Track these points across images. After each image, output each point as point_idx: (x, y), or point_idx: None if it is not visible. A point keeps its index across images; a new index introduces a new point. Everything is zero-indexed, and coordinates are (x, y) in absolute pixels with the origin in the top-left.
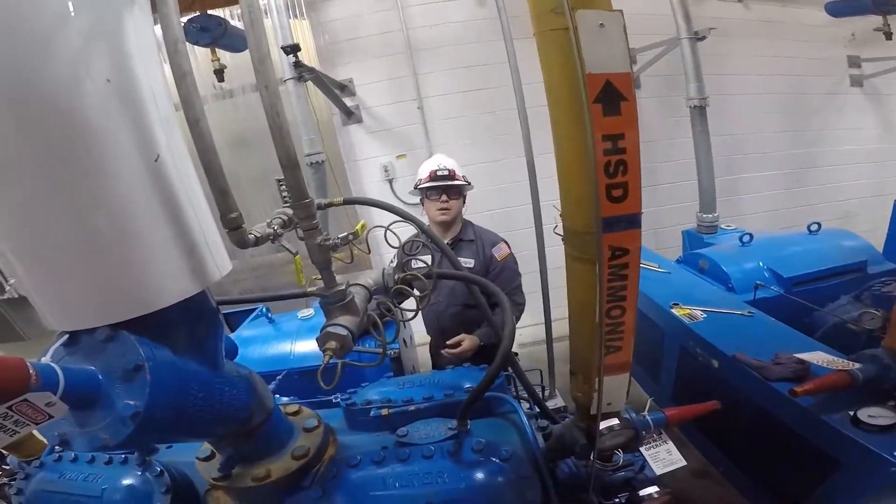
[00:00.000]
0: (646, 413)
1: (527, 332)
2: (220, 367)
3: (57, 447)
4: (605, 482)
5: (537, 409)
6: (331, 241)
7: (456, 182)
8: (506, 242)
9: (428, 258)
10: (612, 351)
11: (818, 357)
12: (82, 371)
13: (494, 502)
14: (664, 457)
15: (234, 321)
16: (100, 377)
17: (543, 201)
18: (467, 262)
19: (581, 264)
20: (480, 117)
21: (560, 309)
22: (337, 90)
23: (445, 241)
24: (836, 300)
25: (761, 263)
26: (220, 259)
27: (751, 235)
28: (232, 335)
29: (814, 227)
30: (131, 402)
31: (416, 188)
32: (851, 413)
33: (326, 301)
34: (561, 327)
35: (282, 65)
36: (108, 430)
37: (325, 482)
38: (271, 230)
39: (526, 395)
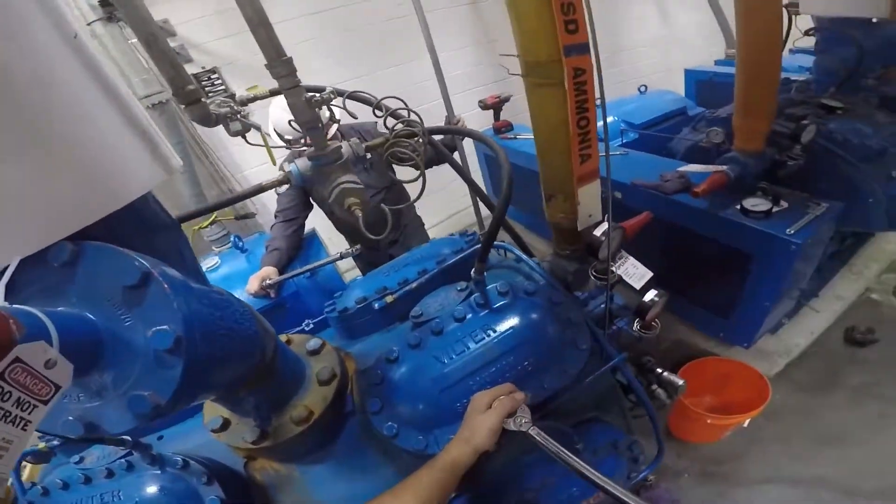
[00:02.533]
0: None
1: (436, 230)
2: (209, 284)
3: (78, 443)
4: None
5: None
6: (319, 97)
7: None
8: None
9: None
10: (585, 160)
11: (693, 167)
12: (64, 312)
13: (548, 334)
14: (633, 272)
15: None
16: (90, 316)
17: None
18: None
19: (549, 88)
20: (341, 35)
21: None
22: None
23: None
24: (679, 133)
25: (616, 118)
26: (170, 148)
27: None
28: None
29: (642, 89)
30: (164, 327)
31: (279, 136)
32: (738, 206)
33: (322, 161)
34: (465, 219)
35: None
36: (148, 381)
37: (375, 391)
38: (228, 108)
39: None
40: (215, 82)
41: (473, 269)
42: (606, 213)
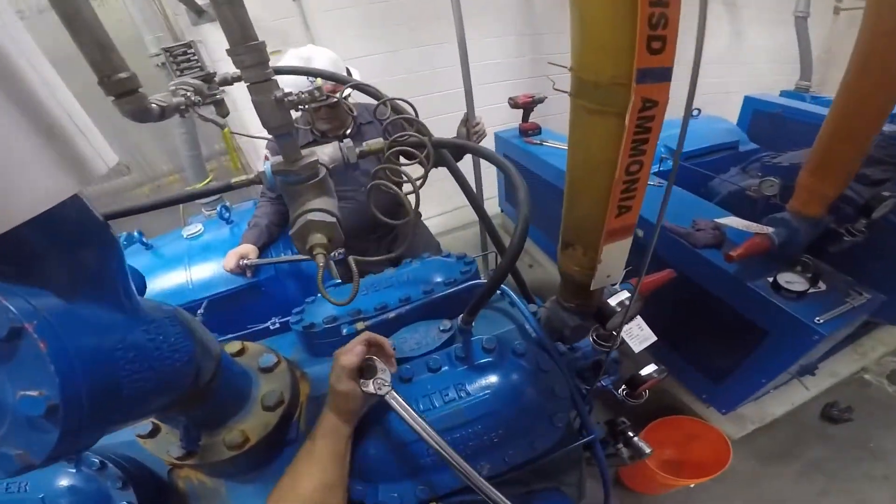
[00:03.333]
0: (617, 286)
1: (436, 221)
2: (137, 308)
3: None
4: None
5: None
6: (294, 96)
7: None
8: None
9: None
10: (623, 212)
11: (734, 221)
12: None
13: (527, 406)
14: (637, 333)
15: None
16: None
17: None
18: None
19: (602, 118)
20: (372, 6)
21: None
22: None
23: (343, 133)
24: (726, 172)
25: (658, 141)
26: (99, 146)
27: None
28: None
29: (695, 113)
30: (33, 394)
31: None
32: (770, 279)
33: (292, 179)
34: (464, 214)
35: None
36: (17, 440)
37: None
38: (181, 98)
39: None
40: (191, 58)
41: (462, 318)
42: (639, 271)
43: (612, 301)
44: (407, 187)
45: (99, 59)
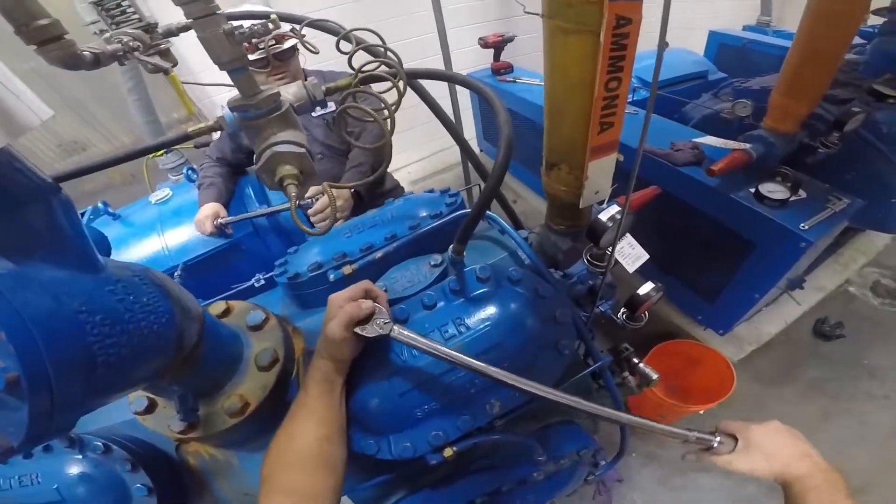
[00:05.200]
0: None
1: (417, 167)
2: (100, 269)
3: None
4: (581, 291)
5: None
6: (245, 29)
7: (282, 47)
8: None
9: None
10: (605, 129)
11: (711, 140)
12: None
13: (530, 335)
14: (629, 252)
15: None
16: None
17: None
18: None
19: (578, 36)
20: None
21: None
22: None
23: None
24: (698, 98)
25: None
26: (28, 100)
27: None
28: None
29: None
30: None
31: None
32: (752, 190)
33: (252, 115)
34: (445, 157)
35: None
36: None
37: None
38: (118, 45)
39: None
40: (127, 10)
41: (452, 248)
42: (624, 193)
43: (603, 216)
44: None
45: (11, 6)
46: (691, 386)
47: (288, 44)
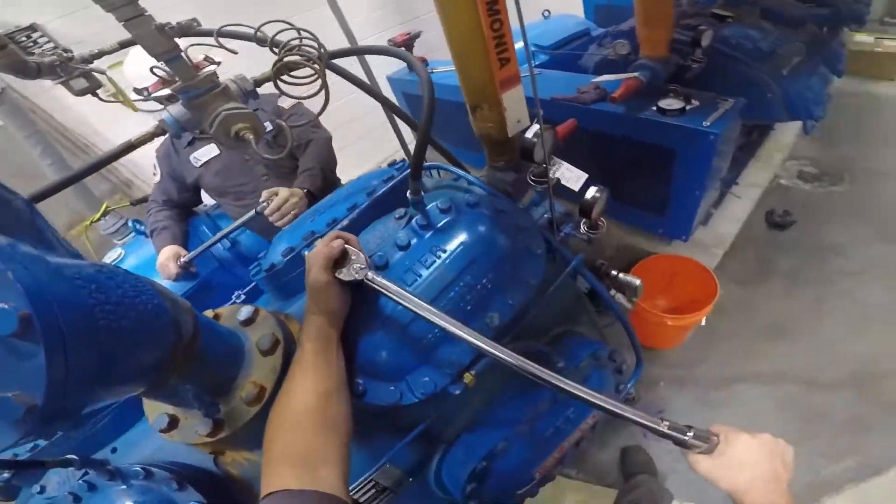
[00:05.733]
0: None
1: None
2: (79, 256)
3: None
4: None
5: None
6: (174, 24)
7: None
8: None
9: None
10: (504, 64)
11: (607, 77)
12: None
13: (500, 245)
14: (569, 175)
15: None
16: None
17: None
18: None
19: None
20: None
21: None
22: None
23: None
24: (587, 51)
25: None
26: None
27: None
28: None
29: (546, 14)
30: (2, 305)
31: (143, 95)
32: (654, 108)
33: (194, 94)
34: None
35: None
36: (5, 379)
37: None
38: (55, 56)
39: None
40: (38, 40)
41: (409, 191)
42: (535, 116)
43: (528, 134)
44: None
45: None
46: (678, 300)
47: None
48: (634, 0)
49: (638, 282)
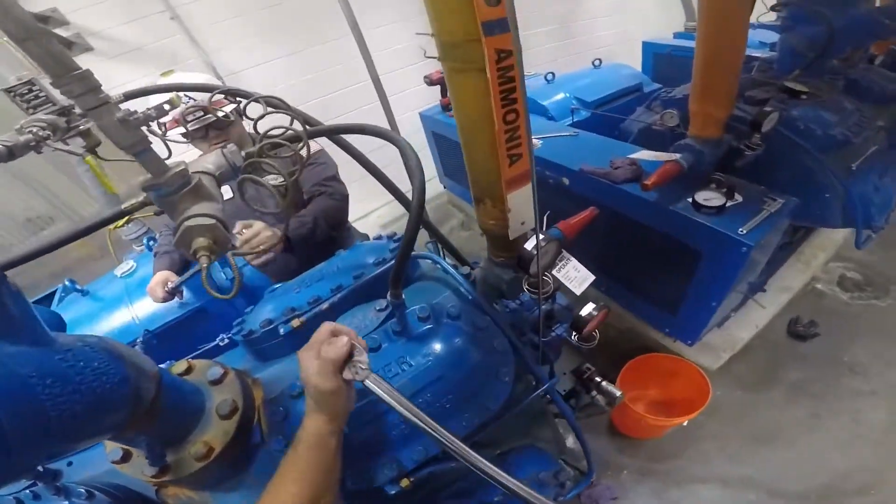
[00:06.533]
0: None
1: (382, 212)
2: (51, 342)
3: None
4: (535, 317)
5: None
6: (140, 114)
7: (213, 117)
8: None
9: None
10: (514, 160)
11: (645, 154)
12: None
13: (470, 366)
14: (574, 275)
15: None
16: None
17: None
18: (276, 178)
19: (468, 75)
20: (262, 13)
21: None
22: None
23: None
24: (633, 113)
25: (567, 94)
26: None
27: (553, 74)
28: None
29: (597, 63)
30: None
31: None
32: (689, 200)
33: (164, 192)
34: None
35: None
36: None
37: (278, 428)
38: (31, 135)
39: None
40: (38, 95)
41: (388, 293)
42: (537, 223)
43: (528, 245)
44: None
45: None
46: (673, 399)
47: (221, 112)
48: (693, 69)
49: (618, 393)
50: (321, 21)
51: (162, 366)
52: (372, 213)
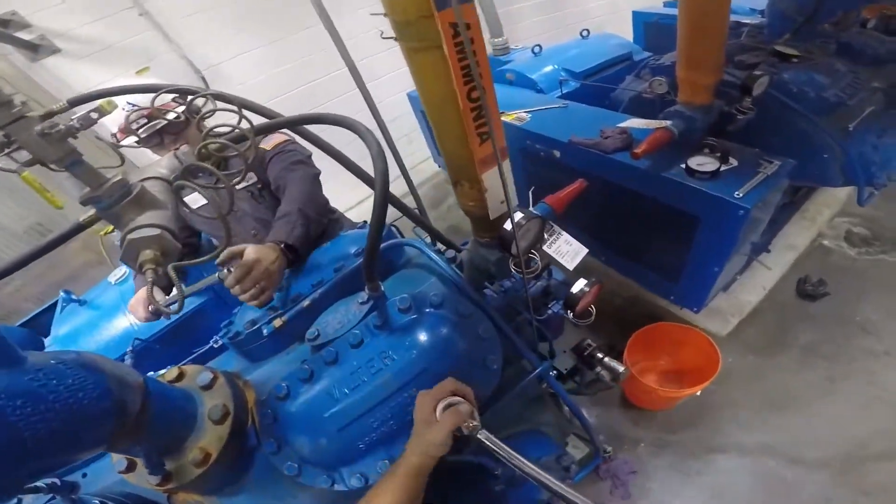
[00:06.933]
0: (531, 209)
1: (368, 204)
2: (19, 362)
3: None
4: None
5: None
6: (61, 126)
7: (163, 121)
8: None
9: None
10: (485, 139)
11: (635, 122)
12: None
13: (455, 356)
14: (567, 249)
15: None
16: None
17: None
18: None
19: (426, 54)
20: (234, 3)
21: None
22: None
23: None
24: (622, 82)
25: (556, 66)
26: None
27: (540, 46)
28: (48, 339)
29: (585, 34)
30: None
31: (116, 144)
32: (682, 166)
33: (104, 204)
34: (396, 188)
35: None
36: None
37: (268, 431)
38: None
39: None
40: None
41: (366, 287)
42: (509, 202)
43: (507, 226)
44: None
45: None
46: (684, 368)
47: (171, 115)
48: (678, 37)
49: (622, 369)
50: (296, 7)
51: (161, 372)
52: (365, 200)
